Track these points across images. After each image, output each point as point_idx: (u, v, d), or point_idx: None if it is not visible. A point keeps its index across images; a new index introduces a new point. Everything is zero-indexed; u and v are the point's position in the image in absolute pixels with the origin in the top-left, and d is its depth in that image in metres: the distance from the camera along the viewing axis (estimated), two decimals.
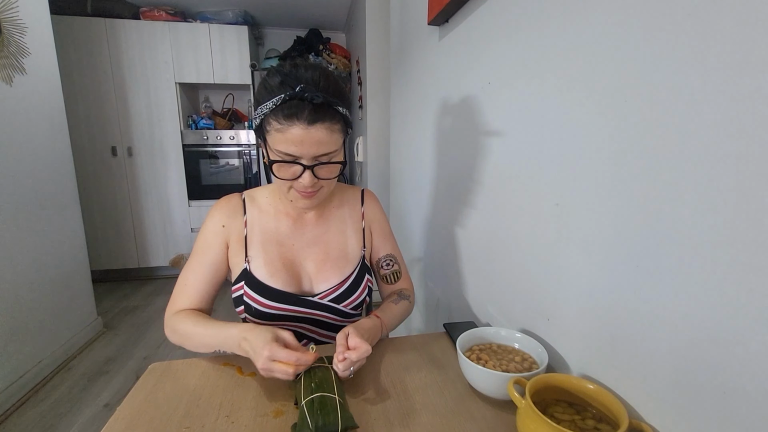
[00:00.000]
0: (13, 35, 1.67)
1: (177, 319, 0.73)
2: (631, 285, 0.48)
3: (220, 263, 0.77)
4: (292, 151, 0.64)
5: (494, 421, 0.55)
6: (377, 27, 2.32)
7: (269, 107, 0.63)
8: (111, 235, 2.96)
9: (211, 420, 0.55)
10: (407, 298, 0.86)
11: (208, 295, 0.77)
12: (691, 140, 0.39)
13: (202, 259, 0.76)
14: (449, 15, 1.04)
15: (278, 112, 0.62)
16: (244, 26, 2.94)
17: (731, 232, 0.36)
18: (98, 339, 2.19)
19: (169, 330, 0.74)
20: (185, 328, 0.71)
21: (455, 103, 1.04)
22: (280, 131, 0.63)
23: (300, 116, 0.61)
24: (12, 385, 1.58)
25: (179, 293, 0.76)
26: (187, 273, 0.77)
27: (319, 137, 0.63)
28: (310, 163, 0.66)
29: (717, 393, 0.38)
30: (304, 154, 0.64)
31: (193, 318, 0.72)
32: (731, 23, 0.35)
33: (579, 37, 0.56)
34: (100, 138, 2.83)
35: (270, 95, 0.63)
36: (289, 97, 0.61)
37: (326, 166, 0.68)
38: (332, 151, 0.67)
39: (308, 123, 0.62)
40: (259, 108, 0.65)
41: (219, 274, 0.78)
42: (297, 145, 0.63)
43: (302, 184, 0.67)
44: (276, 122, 0.63)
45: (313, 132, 0.63)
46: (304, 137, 0.62)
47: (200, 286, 0.76)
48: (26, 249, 1.70)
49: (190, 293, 0.76)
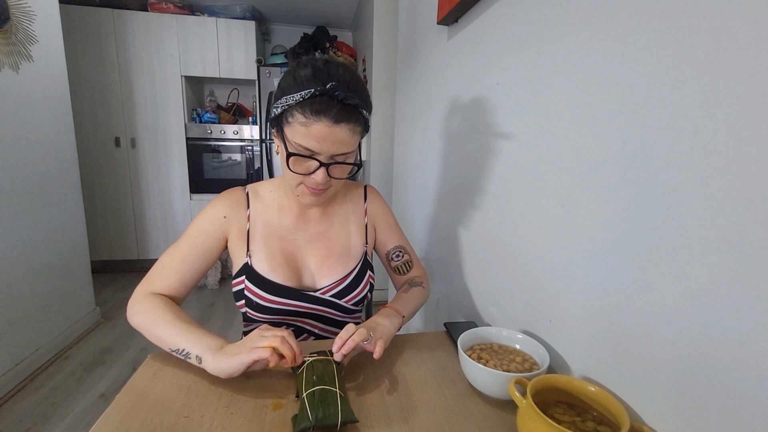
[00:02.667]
0: (22, 22, 1.67)
1: (150, 303, 0.67)
2: (635, 287, 0.48)
3: (211, 253, 0.75)
4: (313, 147, 0.64)
5: (494, 421, 0.55)
6: (385, 26, 2.32)
7: (296, 99, 0.62)
8: (112, 225, 2.96)
9: (210, 410, 0.55)
10: (419, 285, 0.85)
11: (189, 283, 0.74)
12: (698, 143, 0.39)
13: (194, 243, 0.73)
14: (459, 15, 1.04)
15: (306, 105, 0.62)
16: (252, 21, 2.94)
17: (737, 235, 0.36)
18: (96, 329, 2.18)
19: (136, 309, 0.68)
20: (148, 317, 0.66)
21: (463, 103, 1.03)
22: (304, 125, 0.63)
23: (327, 114, 0.61)
24: (8, 372, 1.58)
25: (158, 273, 0.72)
26: (173, 253, 0.73)
27: (342, 137, 0.64)
28: (327, 161, 0.66)
29: (720, 396, 0.38)
30: (324, 152, 0.64)
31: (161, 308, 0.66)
32: (743, 27, 0.35)
33: (589, 40, 0.56)
34: (104, 128, 2.83)
35: (299, 87, 0.62)
36: (320, 93, 0.61)
37: (339, 166, 0.68)
38: (349, 151, 0.67)
39: (334, 122, 0.62)
40: (284, 98, 0.64)
41: (206, 264, 0.75)
42: (319, 141, 0.63)
43: (314, 181, 0.67)
44: (301, 115, 0.62)
45: (336, 131, 0.63)
46: (327, 135, 0.63)
47: (184, 272, 0.72)
48: (27, 237, 1.70)
49: (171, 277, 0.72)
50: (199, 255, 0.74)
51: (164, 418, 0.53)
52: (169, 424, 0.52)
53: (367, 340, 0.62)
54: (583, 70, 0.57)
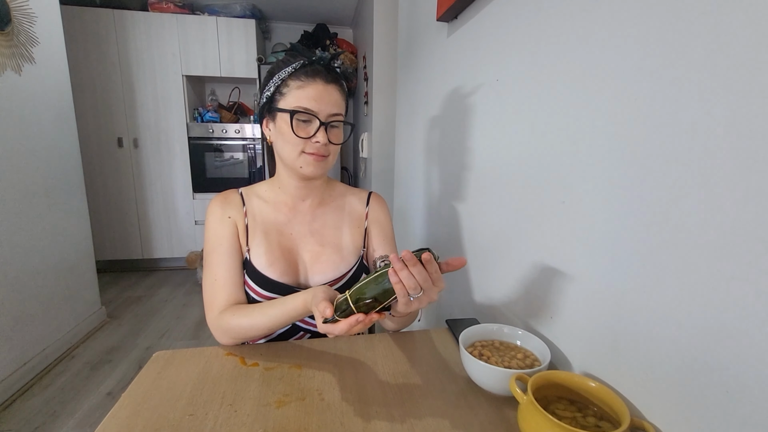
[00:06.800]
0: (23, 24, 1.68)
1: (226, 318, 0.71)
2: (635, 284, 0.48)
3: (238, 250, 0.77)
4: (311, 106, 0.70)
5: (495, 417, 0.55)
6: (385, 22, 2.31)
7: (288, 72, 0.70)
8: (116, 225, 2.98)
9: (215, 408, 0.55)
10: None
11: (241, 282, 0.76)
12: (699, 139, 0.39)
13: (221, 251, 0.76)
14: (458, 11, 1.03)
15: (299, 72, 0.70)
16: (252, 20, 2.93)
17: (737, 232, 0.36)
18: (102, 328, 2.21)
19: (222, 332, 0.71)
20: (240, 321, 0.69)
21: (463, 99, 1.03)
22: (301, 87, 0.70)
23: (320, 75, 0.70)
24: (16, 372, 1.60)
25: (212, 296, 0.74)
26: (211, 272, 0.75)
27: (335, 97, 0.72)
28: (326, 120, 0.71)
29: (720, 392, 0.38)
30: (322, 110, 0.70)
31: (242, 309, 0.71)
32: (744, 22, 0.35)
33: (589, 35, 0.56)
34: (107, 129, 2.84)
35: (287, 64, 0.71)
36: (309, 62, 0.71)
37: (335, 131, 0.74)
38: (342, 113, 0.74)
39: (326, 82, 0.71)
40: (275, 77, 0.72)
41: (242, 261, 0.78)
42: (317, 100, 0.70)
43: (316, 145, 0.71)
44: (296, 81, 0.70)
45: (330, 90, 0.71)
46: (322, 93, 0.70)
47: (231, 277, 0.75)
48: (32, 237, 1.71)
49: (225, 287, 0.74)
50: (233, 257, 0.76)
51: (170, 416, 0.54)
52: (175, 422, 0.53)
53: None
54: (582, 66, 0.57)
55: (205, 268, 0.77)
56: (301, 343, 0.74)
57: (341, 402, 0.57)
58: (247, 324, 0.69)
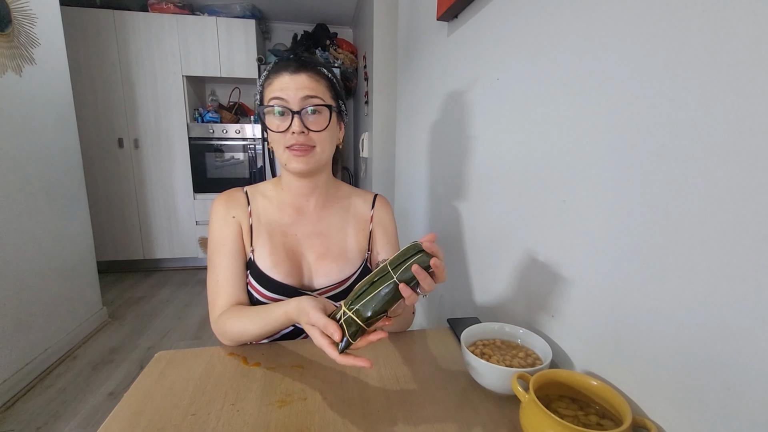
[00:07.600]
0: (24, 25, 1.68)
1: (222, 321, 0.72)
2: (636, 282, 0.48)
3: (242, 250, 0.77)
4: (278, 94, 0.71)
5: (497, 415, 0.55)
6: (385, 22, 2.31)
7: (264, 75, 0.74)
8: (117, 226, 2.99)
9: (217, 408, 0.56)
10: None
11: (243, 283, 0.76)
12: (699, 138, 0.39)
13: (224, 251, 0.76)
14: (458, 11, 1.03)
15: (271, 71, 0.74)
16: (252, 20, 2.93)
17: (738, 230, 0.36)
18: (103, 329, 2.21)
19: (220, 333, 0.73)
20: (233, 325, 0.70)
21: (463, 99, 1.03)
22: (270, 83, 0.73)
23: (287, 68, 0.72)
24: (18, 372, 1.61)
25: (215, 296, 0.75)
26: (213, 272, 0.76)
27: (303, 82, 0.72)
28: (298, 108, 0.71)
29: (721, 390, 0.38)
30: (290, 98, 0.71)
31: (236, 313, 0.71)
32: (744, 21, 0.35)
33: (589, 34, 0.56)
34: (107, 129, 2.84)
35: (267, 68, 0.76)
36: (280, 60, 0.74)
37: (315, 118, 0.72)
38: (317, 96, 0.72)
39: (293, 72, 0.72)
40: (259, 83, 0.76)
41: (244, 261, 0.78)
42: (283, 88, 0.71)
43: (292, 135, 0.71)
44: (268, 79, 0.73)
45: (297, 78, 0.71)
46: (288, 82, 0.71)
47: (232, 278, 0.75)
48: (33, 238, 1.72)
49: (226, 288, 0.75)
50: (235, 257, 0.76)
51: (171, 416, 0.54)
52: (177, 422, 0.53)
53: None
54: (583, 65, 0.57)
55: (208, 268, 0.77)
56: (303, 343, 0.74)
57: (343, 402, 0.57)
58: (238, 329, 0.70)
